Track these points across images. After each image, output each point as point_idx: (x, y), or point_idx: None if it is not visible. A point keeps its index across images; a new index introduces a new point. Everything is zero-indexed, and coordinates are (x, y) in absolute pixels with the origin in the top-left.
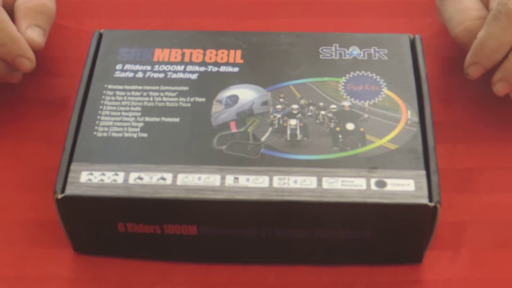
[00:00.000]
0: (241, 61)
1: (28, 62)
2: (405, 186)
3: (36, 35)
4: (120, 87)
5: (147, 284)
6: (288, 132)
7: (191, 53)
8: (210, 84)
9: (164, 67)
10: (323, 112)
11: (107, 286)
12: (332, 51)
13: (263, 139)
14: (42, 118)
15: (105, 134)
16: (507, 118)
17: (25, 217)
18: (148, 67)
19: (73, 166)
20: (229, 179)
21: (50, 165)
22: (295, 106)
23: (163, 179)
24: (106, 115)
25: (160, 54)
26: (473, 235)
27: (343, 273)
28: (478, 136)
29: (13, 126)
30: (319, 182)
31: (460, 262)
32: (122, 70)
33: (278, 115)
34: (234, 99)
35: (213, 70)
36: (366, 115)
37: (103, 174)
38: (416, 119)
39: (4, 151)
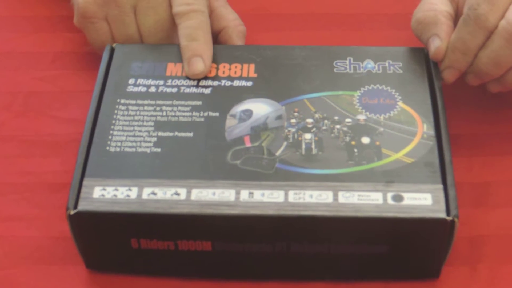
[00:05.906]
0: (255, 75)
1: (202, 64)
2: (422, 200)
3: None
4: (133, 101)
5: None
6: (303, 146)
7: None
8: (223, 98)
9: (177, 82)
10: (338, 126)
11: None
12: (346, 65)
13: (278, 153)
14: (54, 134)
15: (118, 149)
16: None
17: (38, 234)
18: (161, 82)
19: (85, 182)
20: (244, 194)
21: (62, 181)
22: (309, 120)
23: (177, 194)
24: (118, 130)
25: (173, 68)
26: (490, 250)
27: None
28: (495, 149)
29: (25, 143)
30: (335, 196)
31: (477, 278)
32: (134, 85)
33: (293, 129)
34: (248, 113)
35: (226, 84)
36: (381, 129)
37: (116, 190)
38: (432, 132)
39: (16, 167)
